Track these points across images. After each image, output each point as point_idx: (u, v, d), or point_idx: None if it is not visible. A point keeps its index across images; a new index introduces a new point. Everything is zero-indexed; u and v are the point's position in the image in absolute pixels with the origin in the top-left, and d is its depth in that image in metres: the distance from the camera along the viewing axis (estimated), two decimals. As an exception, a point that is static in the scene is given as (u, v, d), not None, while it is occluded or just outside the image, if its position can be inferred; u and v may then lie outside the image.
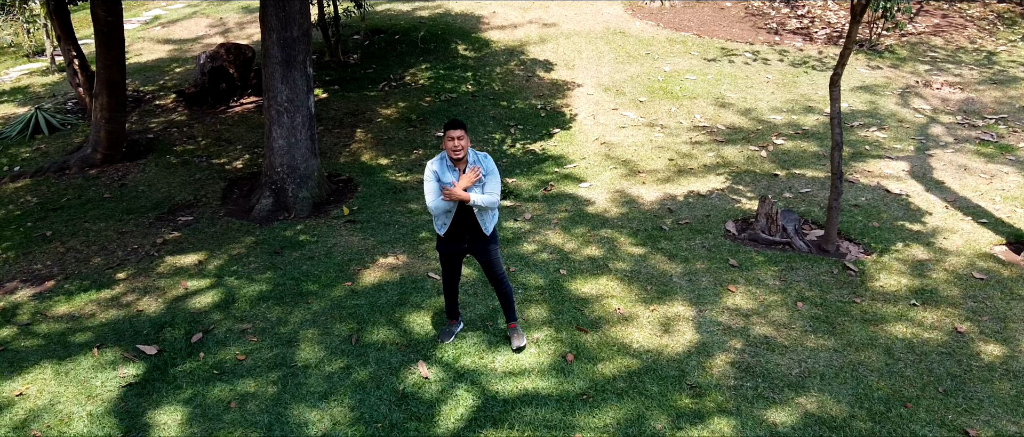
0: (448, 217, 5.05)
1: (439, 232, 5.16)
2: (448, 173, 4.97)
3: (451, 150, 4.88)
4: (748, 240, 7.14)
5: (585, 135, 10.09)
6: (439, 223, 5.12)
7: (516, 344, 5.45)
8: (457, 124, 4.89)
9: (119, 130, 9.78)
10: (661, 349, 5.47)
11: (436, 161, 5.01)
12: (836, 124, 6.75)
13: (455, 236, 5.15)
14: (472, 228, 5.11)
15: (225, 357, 5.64)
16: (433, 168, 4.99)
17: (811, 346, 5.52)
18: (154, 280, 6.84)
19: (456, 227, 5.10)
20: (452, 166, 4.97)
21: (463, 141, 4.88)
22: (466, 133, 4.92)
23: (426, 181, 5.00)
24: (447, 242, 5.20)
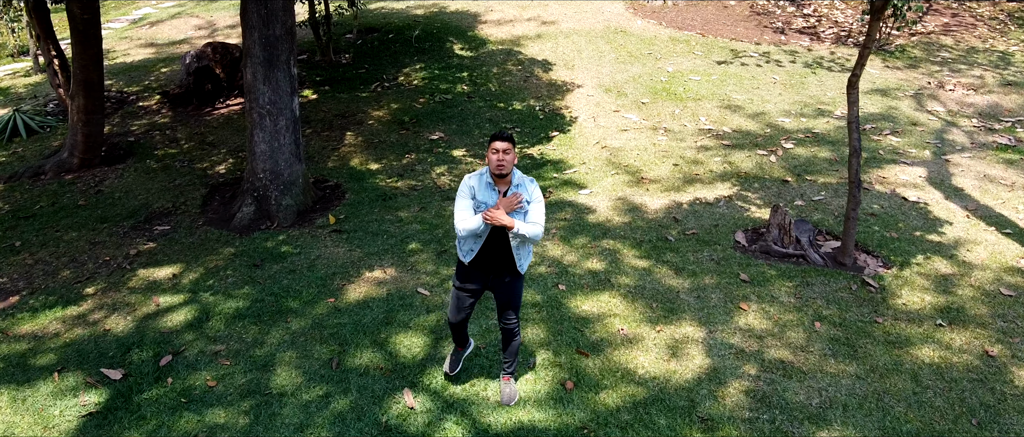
0: (477, 243, 4.37)
1: (463, 259, 4.45)
2: (486, 191, 4.31)
3: (495, 165, 4.20)
4: (759, 252, 6.69)
5: (585, 138, 9.65)
6: (465, 249, 4.42)
7: (507, 398, 4.80)
8: (504, 136, 4.22)
9: (97, 133, 9.33)
10: (669, 376, 5.02)
11: (475, 176, 4.35)
12: (854, 128, 6.31)
13: (481, 267, 4.45)
14: (504, 262, 4.41)
15: (195, 383, 5.19)
16: (470, 183, 4.33)
17: (832, 372, 5.07)
18: (124, 295, 6.39)
19: (484, 257, 4.40)
20: (492, 184, 4.31)
21: (509, 156, 4.21)
22: (513, 147, 4.27)
23: (459, 197, 4.33)
24: (469, 274, 4.49)
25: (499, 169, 4.23)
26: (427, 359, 5.28)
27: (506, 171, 4.25)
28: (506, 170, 4.24)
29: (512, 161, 4.25)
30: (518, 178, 4.34)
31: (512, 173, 4.32)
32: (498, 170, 4.24)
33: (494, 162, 4.23)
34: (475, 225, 4.24)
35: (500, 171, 4.24)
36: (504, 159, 4.21)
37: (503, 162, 4.21)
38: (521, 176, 4.37)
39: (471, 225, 4.25)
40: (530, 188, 4.35)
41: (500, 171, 4.24)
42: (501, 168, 4.23)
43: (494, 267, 4.44)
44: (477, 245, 4.38)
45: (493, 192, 4.31)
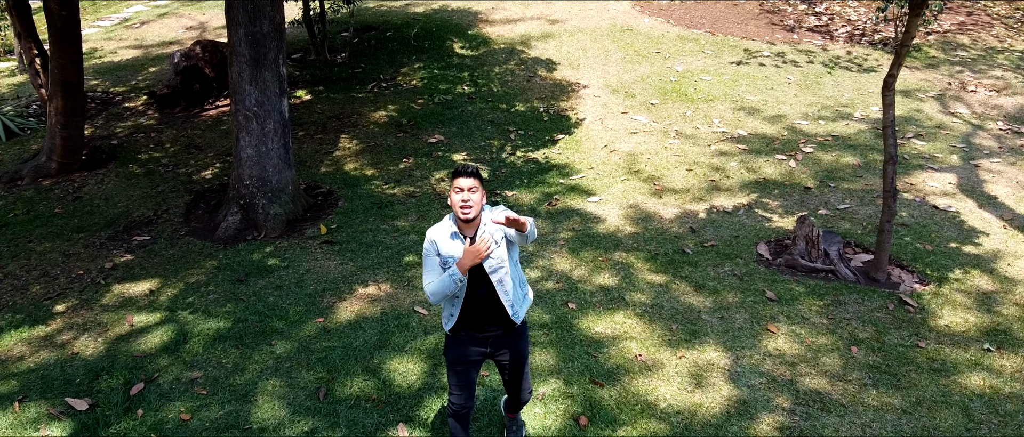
0: (455, 304, 3.67)
1: (446, 327, 3.74)
2: (450, 243, 3.59)
3: (459, 207, 3.50)
4: (785, 267, 6.18)
5: (592, 142, 9.14)
6: (445, 315, 3.74)
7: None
8: (468, 171, 3.50)
9: (76, 136, 8.83)
10: (694, 410, 4.51)
11: (437, 229, 3.64)
12: (890, 133, 5.81)
13: (470, 328, 3.71)
14: (494, 313, 3.66)
15: (167, 415, 4.68)
16: (432, 237, 3.62)
17: (874, 405, 4.56)
18: (96, 314, 5.89)
19: (470, 316, 3.67)
20: (457, 232, 3.59)
21: (476, 195, 3.50)
22: (480, 184, 3.54)
23: (425, 258, 3.64)
24: (459, 341, 3.75)
25: (464, 213, 3.50)
26: (424, 389, 4.78)
27: (472, 215, 3.51)
28: (472, 214, 3.50)
29: (480, 202, 3.53)
30: (489, 216, 3.56)
31: (483, 212, 3.59)
32: (463, 214, 3.50)
33: (457, 204, 3.51)
34: (442, 286, 3.53)
35: (465, 215, 3.50)
36: (470, 200, 3.48)
37: (468, 203, 3.48)
38: (491, 211, 3.58)
39: (437, 287, 3.54)
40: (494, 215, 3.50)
41: (465, 215, 3.50)
42: (466, 211, 3.49)
43: (484, 325, 3.69)
44: (456, 307, 3.67)
45: (459, 241, 3.59)
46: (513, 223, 3.36)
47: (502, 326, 3.72)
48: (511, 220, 3.34)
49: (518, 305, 3.72)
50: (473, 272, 3.57)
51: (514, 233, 3.52)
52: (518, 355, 3.80)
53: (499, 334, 3.74)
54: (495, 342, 3.76)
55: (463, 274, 3.50)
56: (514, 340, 3.78)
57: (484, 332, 3.72)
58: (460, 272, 3.50)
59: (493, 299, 3.64)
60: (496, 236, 3.57)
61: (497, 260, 3.59)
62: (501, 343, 3.77)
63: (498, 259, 3.59)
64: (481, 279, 3.61)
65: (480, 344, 3.76)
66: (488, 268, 3.58)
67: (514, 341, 3.78)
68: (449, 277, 3.52)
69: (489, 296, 3.63)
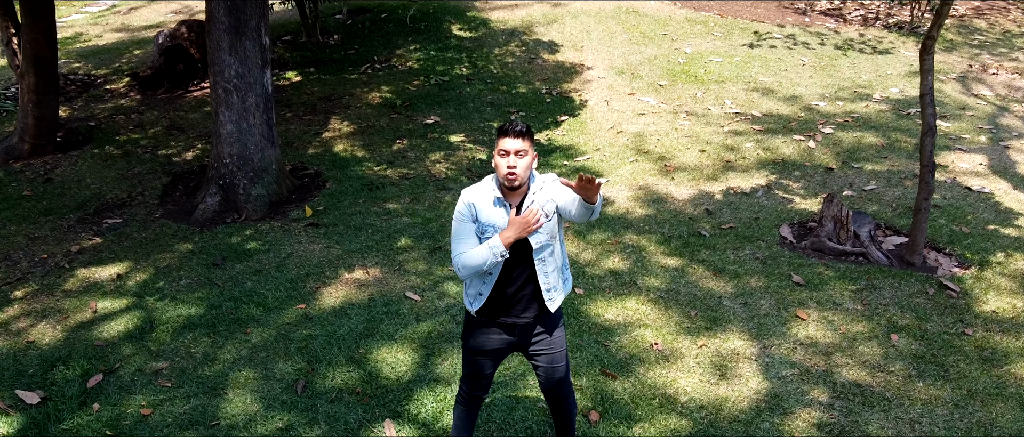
0: (487, 282, 3.09)
1: (470, 307, 3.15)
2: (492, 209, 3.03)
3: (505, 174, 2.95)
4: (811, 249, 5.67)
5: (598, 123, 8.62)
6: (471, 293, 3.14)
7: None
8: (517, 130, 2.92)
9: (50, 116, 8.30)
10: (719, 404, 3.99)
11: (475, 191, 3.07)
12: (928, 102, 5.29)
13: (497, 315, 3.13)
14: (532, 297, 3.09)
15: (126, 410, 4.17)
16: (469, 201, 3.04)
17: (921, 398, 4.05)
18: (57, 300, 5.37)
19: (502, 297, 3.09)
20: (501, 198, 3.02)
21: (525, 159, 2.93)
22: (531, 145, 2.97)
23: (456, 222, 3.06)
24: (482, 327, 3.18)
25: (510, 180, 2.94)
26: (415, 381, 4.26)
27: (519, 182, 2.95)
28: (519, 181, 2.94)
29: (529, 166, 2.97)
30: (538, 183, 3.05)
31: (530, 180, 3.04)
32: (509, 181, 2.95)
33: (502, 169, 2.95)
34: (478, 259, 2.95)
35: (511, 182, 2.95)
36: (517, 165, 2.92)
37: (515, 169, 2.92)
38: (542, 180, 3.06)
39: (475, 260, 2.96)
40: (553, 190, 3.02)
41: (511, 182, 2.95)
42: (512, 179, 2.93)
43: (518, 312, 3.12)
44: (487, 286, 3.09)
45: (503, 209, 3.02)
46: (586, 185, 2.70)
47: (538, 313, 3.14)
48: (585, 179, 2.68)
49: (556, 290, 3.14)
50: (514, 248, 3.00)
51: (577, 202, 2.87)
52: (552, 344, 3.20)
53: (530, 322, 3.15)
54: (524, 331, 3.17)
55: (506, 248, 2.94)
56: (547, 326, 3.19)
57: (516, 318, 3.13)
58: (503, 245, 2.93)
59: (533, 281, 3.08)
60: (547, 208, 3.00)
61: (546, 235, 3.01)
62: (531, 333, 3.18)
63: (547, 234, 3.01)
64: (522, 256, 3.03)
65: (507, 331, 3.17)
66: (534, 244, 3.00)
67: (547, 327, 3.19)
68: (489, 250, 2.94)
69: (528, 278, 3.07)
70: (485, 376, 3.29)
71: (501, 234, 2.94)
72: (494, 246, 2.93)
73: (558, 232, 3.09)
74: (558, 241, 3.09)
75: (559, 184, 2.98)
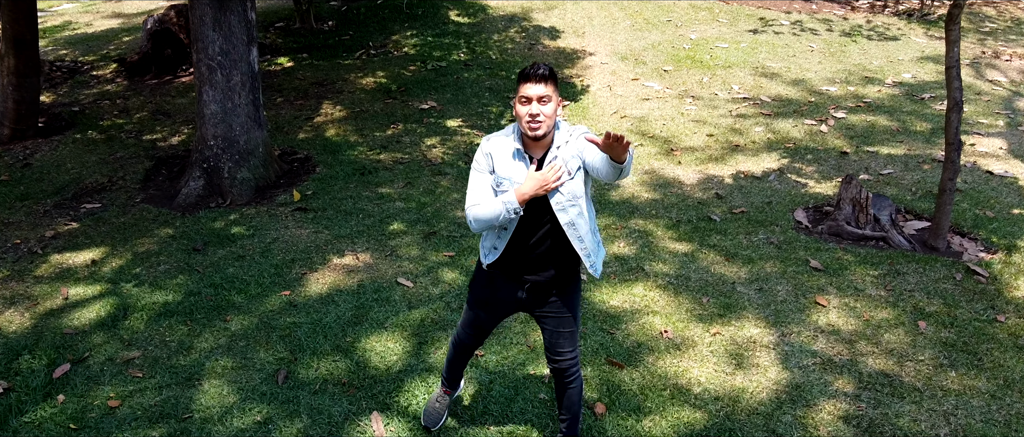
0: (503, 237, 2.85)
1: (484, 260, 2.95)
2: (511, 161, 2.78)
3: (527, 123, 2.69)
4: (828, 234, 5.35)
5: (601, 108, 8.30)
6: (486, 246, 2.92)
7: None
8: (540, 74, 2.66)
9: (31, 100, 7.97)
10: (736, 395, 3.67)
11: (496, 139, 2.83)
12: (954, 75, 4.97)
13: (514, 269, 2.90)
14: (548, 257, 2.84)
15: (92, 401, 3.85)
16: (488, 150, 2.81)
17: (954, 388, 3.73)
18: (28, 286, 5.05)
19: (517, 254, 2.86)
20: (521, 150, 2.77)
21: (549, 106, 2.68)
22: (556, 91, 2.71)
23: (473, 171, 2.84)
24: (493, 278, 2.97)
25: (532, 129, 2.69)
26: (405, 371, 3.94)
27: (542, 132, 2.69)
28: (542, 130, 2.69)
29: (554, 114, 2.71)
30: (564, 135, 2.77)
31: (555, 130, 2.77)
32: (531, 130, 2.69)
33: (523, 118, 2.69)
34: (491, 213, 2.73)
35: (534, 131, 2.69)
36: (540, 112, 2.66)
37: (538, 118, 2.66)
38: (569, 130, 2.78)
39: (487, 213, 2.74)
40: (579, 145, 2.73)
41: (534, 131, 2.69)
42: (535, 128, 2.68)
43: (534, 270, 2.87)
44: (502, 241, 2.85)
45: (522, 162, 2.77)
46: (612, 143, 2.41)
47: (556, 273, 2.88)
48: (611, 138, 2.39)
49: (594, 255, 2.88)
50: (533, 204, 2.75)
51: (604, 160, 2.58)
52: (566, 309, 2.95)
53: (544, 283, 2.89)
54: (536, 291, 2.92)
55: (521, 205, 2.70)
56: (567, 292, 2.94)
57: (531, 276, 2.89)
58: (517, 201, 2.69)
59: (553, 240, 2.82)
60: (571, 164, 2.72)
61: (568, 196, 2.74)
62: (545, 294, 2.92)
63: (569, 194, 2.74)
64: (541, 214, 2.78)
65: (520, 288, 2.92)
66: (554, 203, 2.74)
67: (562, 294, 2.94)
68: (503, 205, 2.71)
69: (548, 236, 2.82)
70: (483, 329, 3.13)
71: (517, 189, 2.70)
72: (508, 202, 2.70)
73: (586, 190, 2.80)
74: (585, 201, 2.80)
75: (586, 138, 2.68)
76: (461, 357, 3.31)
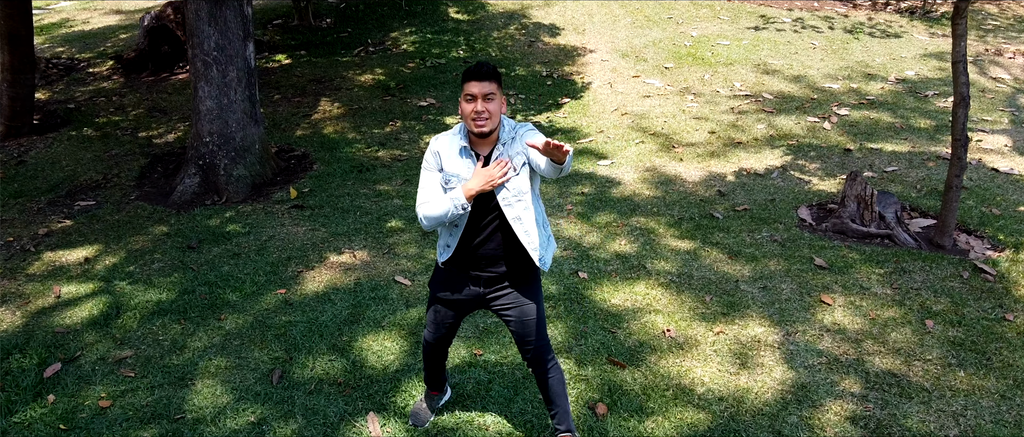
0: (454, 234, 2.89)
1: (440, 259, 2.98)
2: (458, 159, 2.82)
3: (471, 117, 2.74)
4: (832, 231, 5.27)
5: (601, 105, 8.22)
6: (441, 244, 2.96)
7: None
8: (484, 71, 2.72)
9: (25, 96, 7.89)
10: (741, 395, 3.59)
11: (444, 139, 2.88)
12: (961, 70, 4.89)
13: (468, 266, 2.93)
14: (500, 252, 2.88)
15: (84, 401, 3.77)
16: (436, 149, 2.86)
17: (963, 388, 3.65)
18: (20, 284, 4.97)
19: (470, 251, 2.89)
20: (467, 148, 2.82)
21: (493, 103, 2.72)
22: (499, 88, 2.75)
23: (424, 171, 2.87)
24: (452, 279, 2.98)
25: (478, 126, 2.73)
26: (403, 371, 3.86)
27: (488, 129, 2.74)
28: (487, 127, 2.73)
29: (498, 112, 2.76)
30: (510, 132, 2.83)
31: (500, 128, 2.82)
32: (476, 127, 2.74)
33: (468, 114, 2.75)
34: (440, 210, 2.76)
35: (479, 128, 2.74)
36: (485, 110, 2.71)
37: (483, 115, 2.71)
38: (514, 126, 2.85)
39: (436, 210, 2.77)
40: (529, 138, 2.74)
41: (479, 128, 2.74)
42: (480, 125, 2.73)
43: (486, 266, 2.90)
44: (454, 238, 2.90)
45: (469, 159, 2.82)
46: (552, 150, 2.48)
47: (508, 268, 2.91)
48: (551, 146, 2.45)
49: (542, 248, 2.91)
50: (480, 200, 2.81)
51: (546, 162, 2.65)
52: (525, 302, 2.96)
53: (496, 276, 2.93)
54: (490, 285, 2.94)
55: (468, 201, 2.76)
56: (524, 286, 2.96)
57: (482, 271, 2.93)
58: (464, 197, 2.75)
59: (503, 235, 2.86)
60: (517, 160, 2.79)
61: (514, 191, 2.79)
62: (498, 288, 2.95)
63: (515, 190, 2.79)
64: (489, 210, 2.84)
65: (474, 283, 2.96)
66: (501, 199, 2.80)
67: (524, 286, 2.96)
68: (450, 201, 2.76)
69: (497, 231, 2.86)
70: (447, 326, 3.14)
71: (464, 186, 2.76)
72: (455, 198, 2.76)
73: (533, 186, 2.88)
74: (533, 195, 2.87)
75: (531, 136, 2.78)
76: (433, 358, 3.30)
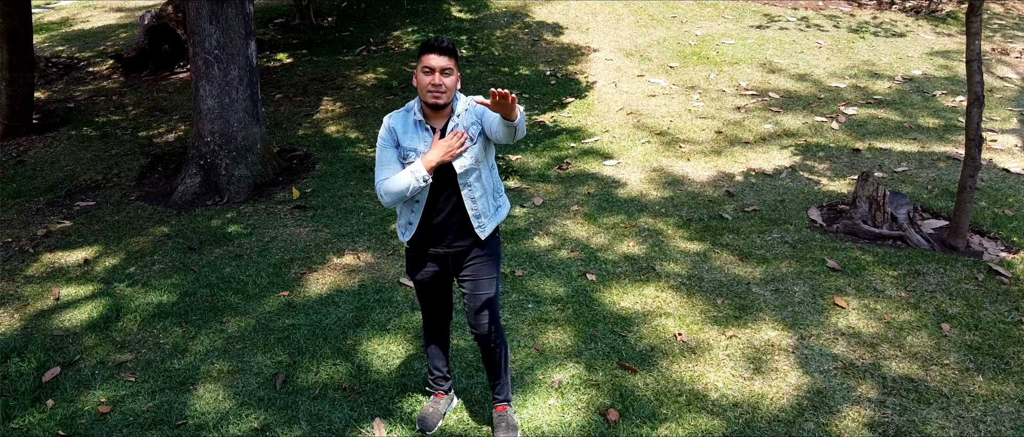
0: (415, 210, 2.93)
1: (403, 238, 3.04)
2: (414, 133, 2.85)
3: (428, 91, 2.76)
4: (843, 233, 5.19)
5: (606, 105, 8.14)
6: (402, 223, 3.01)
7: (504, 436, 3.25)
8: (442, 46, 2.75)
9: (24, 95, 7.81)
10: (756, 401, 3.51)
11: (397, 116, 2.91)
12: (975, 69, 4.81)
13: (429, 244, 2.98)
14: (462, 225, 2.95)
15: (83, 406, 3.69)
16: (390, 125, 2.90)
17: (982, 394, 3.57)
18: (18, 286, 4.89)
19: (430, 226, 2.94)
20: (423, 121, 2.85)
21: (450, 78, 2.76)
22: (456, 64, 2.79)
23: (379, 148, 2.92)
24: (419, 258, 3.04)
25: (434, 97, 2.76)
26: (409, 376, 3.78)
27: (443, 101, 2.78)
28: (444, 100, 2.77)
29: (454, 86, 2.80)
30: (463, 103, 2.89)
31: (455, 100, 2.87)
32: (433, 99, 2.77)
33: (425, 87, 2.77)
34: (400, 185, 2.78)
35: (435, 100, 2.77)
36: (443, 83, 2.74)
37: (440, 88, 2.74)
38: (466, 101, 2.89)
39: (398, 185, 2.79)
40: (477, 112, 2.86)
41: (435, 100, 2.77)
42: (437, 97, 2.76)
43: (448, 237, 2.97)
44: (416, 215, 2.94)
45: (425, 132, 2.85)
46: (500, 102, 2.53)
47: (470, 241, 2.99)
48: (497, 96, 2.51)
49: (486, 216, 2.98)
50: (439, 172, 2.85)
51: (498, 121, 2.70)
52: (476, 270, 3.03)
53: (462, 250, 3.00)
54: (456, 260, 3.02)
55: (429, 173, 2.79)
56: (473, 258, 3.02)
57: (447, 247, 2.99)
58: (425, 169, 2.78)
59: (457, 206, 2.94)
60: (472, 130, 2.85)
61: (471, 159, 2.86)
62: (463, 260, 3.03)
63: (471, 158, 2.86)
64: (448, 181, 2.89)
65: (440, 261, 3.02)
66: (458, 168, 2.85)
67: (473, 259, 3.02)
68: (411, 175, 2.78)
69: (458, 203, 2.93)
70: (438, 308, 3.22)
71: (424, 158, 2.80)
72: (416, 171, 2.78)
73: (488, 156, 2.95)
74: (487, 166, 2.96)
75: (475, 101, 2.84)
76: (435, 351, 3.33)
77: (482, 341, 3.15)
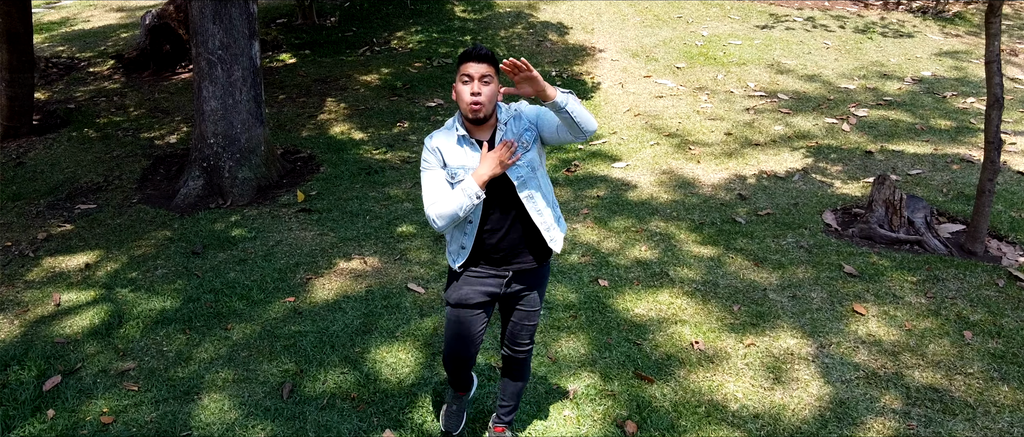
0: (468, 232, 2.71)
1: (453, 264, 2.79)
2: (460, 151, 2.65)
3: (468, 103, 2.57)
4: (859, 237, 5.09)
5: (613, 106, 8.04)
6: (453, 248, 2.78)
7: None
8: (481, 54, 2.55)
9: (24, 96, 7.72)
10: (777, 412, 3.42)
11: (439, 135, 2.70)
12: (994, 71, 4.72)
13: (487, 263, 2.75)
14: (520, 241, 2.72)
15: (84, 417, 3.59)
16: (434, 146, 2.67)
17: (1008, 403, 3.48)
18: (18, 291, 4.79)
19: (487, 246, 2.71)
20: (466, 136, 2.65)
21: (490, 86, 2.56)
22: (496, 73, 2.59)
23: (424, 172, 2.69)
24: (472, 282, 2.78)
25: (474, 110, 2.57)
26: (419, 385, 3.69)
27: (484, 114, 2.58)
28: (484, 112, 2.57)
29: (494, 95, 2.59)
30: (507, 115, 2.70)
31: (498, 111, 2.67)
32: (473, 112, 2.57)
33: (465, 98, 2.58)
34: (454, 205, 2.57)
35: (475, 113, 2.58)
36: (482, 93, 2.54)
37: (480, 99, 2.55)
38: (510, 107, 2.72)
39: (449, 207, 2.58)
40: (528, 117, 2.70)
41: (475, 113, 2.58)
42: (477, 109, 2.56)
43: (509, 259, 2.73)
44: (469, 237, 2.71)
45: (471, 148, 2.65)
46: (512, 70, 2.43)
47: (532, 258, 2.76)
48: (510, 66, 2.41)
49: (554, 229, 2.76)
50: (492, 188, 2.64)
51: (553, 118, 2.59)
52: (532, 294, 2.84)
53: (525, 269, 2.78)
54: (515, 281, 2.79)
55: (481, 188, 2.58)
56: (534, 277, 2.83)
57: (507, 266, 2.76)
58: (477, 185, 2.57)
59: (523, 223, 2.71)
60: (526, 137, 2.67)
61: (526, 168, 2.67)
62: (522, 280, 2.80)
63: (527, 165, 2.67)
64: (502, 196, 2.67)
65: (498, 278, 2.77)
66: (515, 178, 2.65)
67: (534, 278, 2.82)
68: (463, 193, 2.57)
69: (516, 220, 2.70)
70: (475, 334, 2.87)
71: (474, 173, 2.59)
72: (467, 188, 2.58)
73: (541, 162, 2.76)
74: (541, 173, 2.76)
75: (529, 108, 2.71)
76: (463, 367, 2.99)
77: (515, 365, 2.99)
